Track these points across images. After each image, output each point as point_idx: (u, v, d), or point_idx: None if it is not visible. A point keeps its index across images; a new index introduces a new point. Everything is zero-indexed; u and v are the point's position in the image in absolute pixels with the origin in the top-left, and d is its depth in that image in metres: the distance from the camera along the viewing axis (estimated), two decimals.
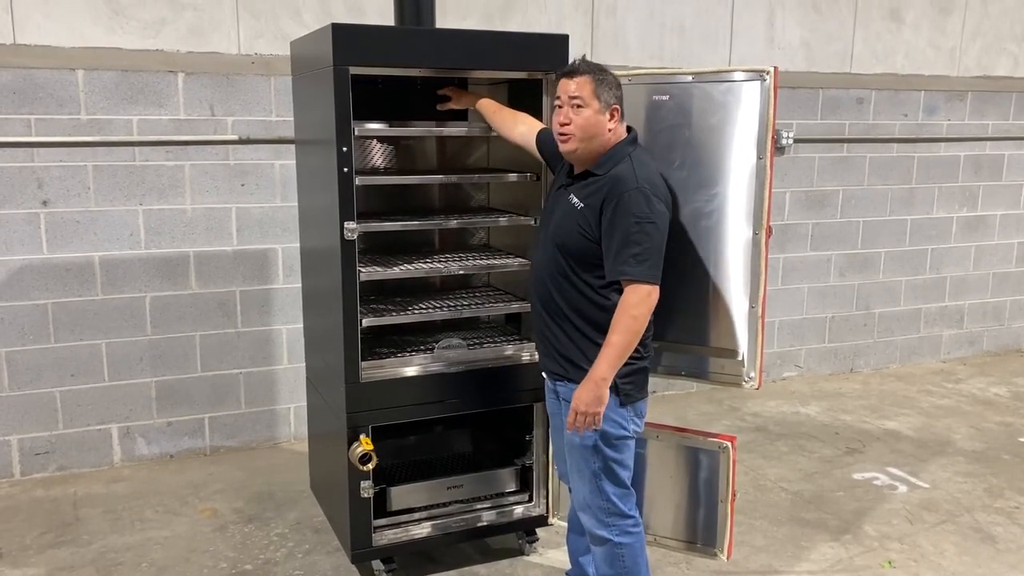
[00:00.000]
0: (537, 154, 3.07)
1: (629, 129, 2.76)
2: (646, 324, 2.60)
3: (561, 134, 2.69)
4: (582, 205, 2.66)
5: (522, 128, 3.14)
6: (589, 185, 2.68)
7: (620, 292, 2.61)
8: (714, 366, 3.04)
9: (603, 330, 2.65)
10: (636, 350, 2.67)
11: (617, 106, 2.67)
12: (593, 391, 2.59)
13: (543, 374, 2.96)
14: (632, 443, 2.80)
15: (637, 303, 2.56)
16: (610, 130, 2.67)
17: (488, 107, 3.29)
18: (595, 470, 2.75)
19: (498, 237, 3.99)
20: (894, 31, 5.94)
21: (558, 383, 2.83)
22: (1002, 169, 6.51)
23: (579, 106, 2.64)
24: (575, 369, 2.73)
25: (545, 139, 3.01)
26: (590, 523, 2.83)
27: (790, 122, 5.66)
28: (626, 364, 2.66)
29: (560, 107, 2.69)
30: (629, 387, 2.69)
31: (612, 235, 2.58)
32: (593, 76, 2.63)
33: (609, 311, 2.63)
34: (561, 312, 2.74)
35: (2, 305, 4.20)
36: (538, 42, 3.28)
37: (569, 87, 2.65)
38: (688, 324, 2.99)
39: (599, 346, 2.65)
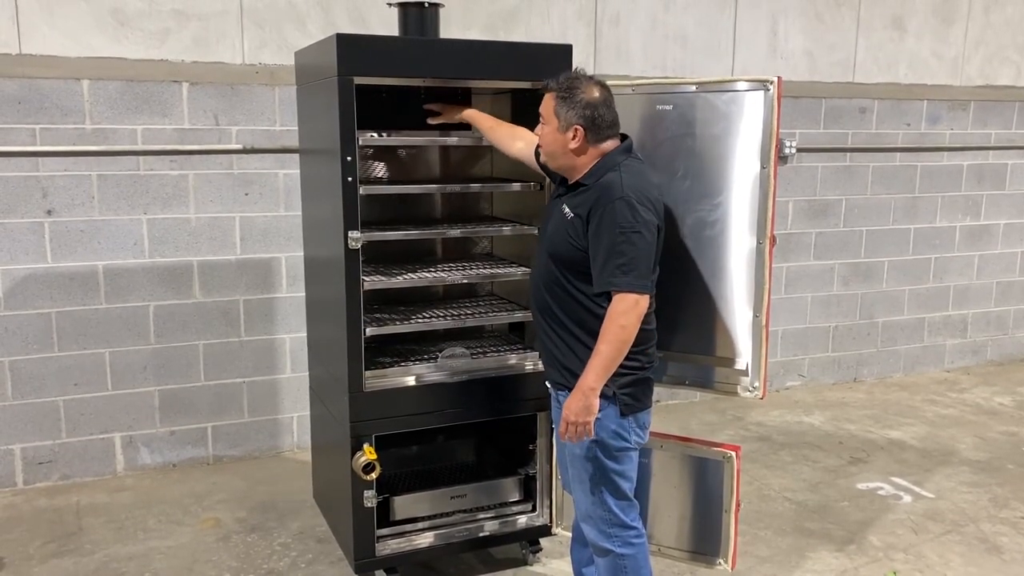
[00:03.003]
0: (537, 168, 3.07)
1: (624, 138, 2.74)
2: (635, 333, 2.58)
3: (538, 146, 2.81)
4: (572, 215, 2.66)
5: (520, 144, 3.15)
6: (579, 195, 2.68)
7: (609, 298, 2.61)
8: (718, 375, 3.03)
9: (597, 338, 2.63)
10: (637, 359, 2.66)
11: (578, 125, 2.62)
12: (581, 401, 2.58)
13: (547, 383, 2.95)
14: (634, 454, 2.78)
15: (624, 312, 2.54)
16: (571, 149, 2.65)
17: (484, 122, 3.29)
18: (596, 481, 2.74)
19: (501, 246, 3.99)
20: (896, 40, 5.95)
21: (560, 392, 2.82)
22: (1005, 178, 6.51)
23: (543, 123, 2.70)
24: (574, 378, 2.71)
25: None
26: (592, 534, 2.81)
27: (793, 131, 5.67)
28: (627, 374, 2.65)
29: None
30: (628, 398, 2.67)
31: (598, 246, 2.58)
32: (557, 94, 2.64)
33: (602, 316, 2.61)
34: (558, 321, 2.74)
35: (6, 314, 4.21)
36: (541, 52, 3.29)
37: (541, 105, 2.71)
38: (692, 333, 2.98)
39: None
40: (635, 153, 2.76)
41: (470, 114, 3.33)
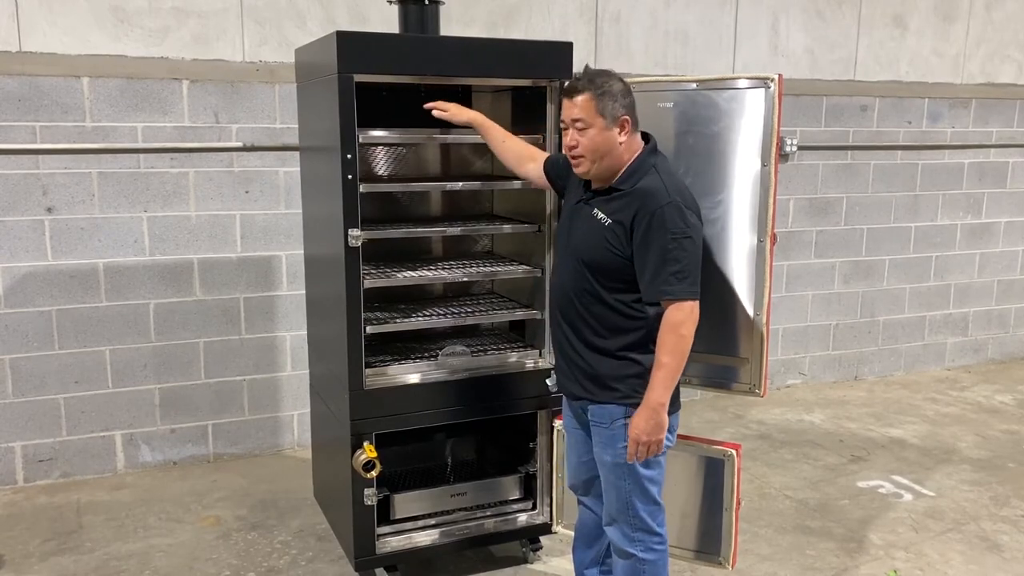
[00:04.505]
0: (546, 185, 3.00)
1: (647, 137, 2.68)
2: (691, 341, 2.52)
3: (571, 157, 2.62)
4: (610, 221, 2.56)
5: (531, 165, 3.02)
6: (615, 200, 2.58)
7: (652, 305, 2.54)
8: (719, 373, 3.03)
9: (635, 347, 2.58)
10: None
11: (626, 116, 2.55)
12: (652, 418, 2.52)
13: (550, 386, 2.92)
14: (663, 458, 2.73)
15: (683, 320, 2.48)
16: (621, 143, 2.57)
17: (495, 134, 3.12)
18: (627, 488, 2.69)
19: (502, 244, 3.99)
20: (898, 38, 5.94)
21: (589, 405, 2.74)
22: (1006, 176, 6.51)
23: (583, 128, 2.54)
24: (602, 390, 2.66)
25: (553, 164, 2.93)
26: (616, 536, 2.77)
27: (794, 129, 5.66)
28: None
29: (566, 130, 2.60)
30: None
31: (647, 253, 2.49)
32: (593, 92, 2.51)
33: (641, 323, 2.57)
34: (590, 328, 2.65)
35: (7, 312, 4.21)
36: (542, 50, 3.28)
37: (572, 110, 2.55)
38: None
39: (632, 361, 2.59)
40: (661, 152, 2.70)
41: (478, 121, 3.13)
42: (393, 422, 3.27)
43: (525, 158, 3.07)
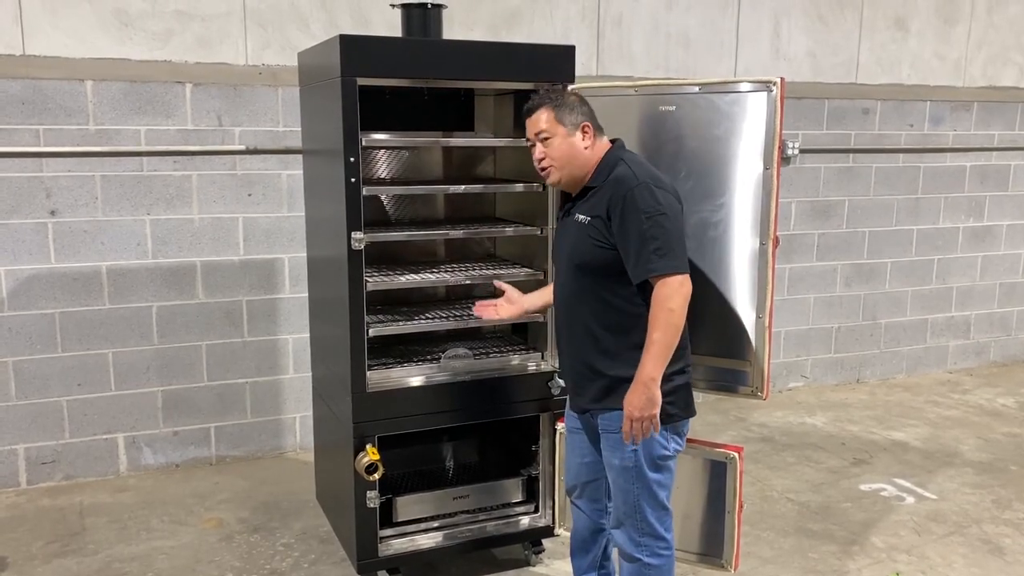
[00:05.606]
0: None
1: (613, 141, 2.75)
2: (684, 316, 2.53)
3: (542, 170, 2.73)
4: (589, 218, 2.63)
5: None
6: (590, 198, 2.66)
7: (648, 300, 2.55)
8: (721, 376, 3.03)
9: (639, 347, 2.56)
10: (675, 364, 2.60)
11: (586, 122, 2.67)
12: (644, 393, 2.51)
13: (556, 392, 2.92)
14: (672, 463, 2.74)
15: (670, 295, 2.49)
16: (586, 147, 2.67)
17: (544, 297, 3.12)
18: (635, 492, 2.69)
19: (504, 247, 3.99)
20: (899, 41, 5.95)
21: (599, 416, 2.74)
22: (1008, 179, 6.51)
23: (547, 139, 2.67)
24: (609, 396, 2.66)
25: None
26: (622, 539, 2.77)
27: (796, 132, 5.67)
28: (665, 382, 2.57)
29: (532, 146, 2.72)
30: (671, 407, 2.62)
31: (627, 237, 2.53)
32: (550, 105, 2.66)
33: (642, 321, 2.56)
34: (594, 334, 2.66)
35: (10, 314, 4.22)
36: (544, 53, 3.29)
37: (534, 125, 2.69)
38: (695, 334, 2.97)
39: (636, 363, 2.56)
40: (628, 149, 2.77)
41: (537, 305, 3.13)
42: (395, 424, 3.28)
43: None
